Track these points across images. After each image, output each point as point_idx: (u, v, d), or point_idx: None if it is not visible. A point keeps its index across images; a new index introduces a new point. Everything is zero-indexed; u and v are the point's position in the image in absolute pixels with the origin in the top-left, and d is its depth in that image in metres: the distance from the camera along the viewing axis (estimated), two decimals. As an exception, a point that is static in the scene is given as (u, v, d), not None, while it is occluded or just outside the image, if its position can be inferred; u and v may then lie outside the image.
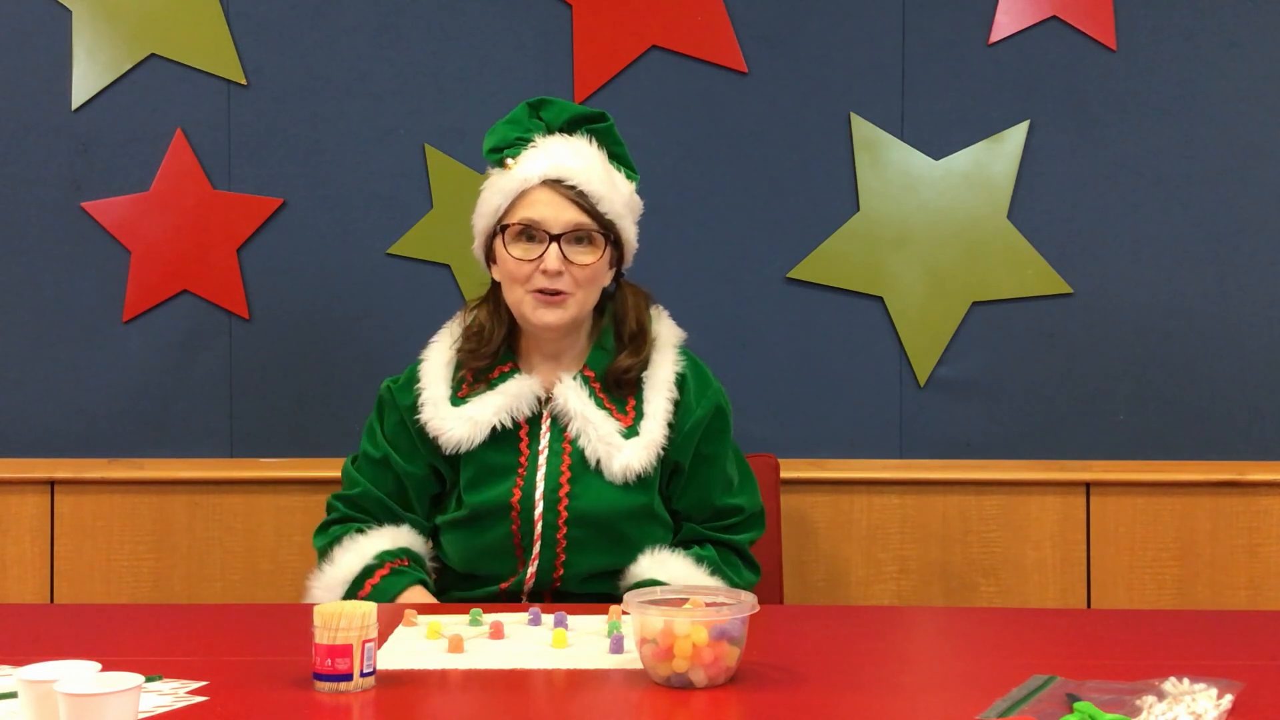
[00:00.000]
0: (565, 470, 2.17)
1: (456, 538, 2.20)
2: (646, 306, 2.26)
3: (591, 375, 2.20)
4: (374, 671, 1.63)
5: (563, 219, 2.14)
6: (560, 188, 2.15)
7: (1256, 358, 2.85)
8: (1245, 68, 2.84)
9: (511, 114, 2.24)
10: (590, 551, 2.16)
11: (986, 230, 2.85)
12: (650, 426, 2.17)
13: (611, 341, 2.22)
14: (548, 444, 2.18)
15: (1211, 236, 2.85)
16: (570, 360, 2.23)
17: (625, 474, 2.14)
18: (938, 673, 1.76)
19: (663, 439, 2.17)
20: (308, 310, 2.89)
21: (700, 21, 2.85)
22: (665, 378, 2.20)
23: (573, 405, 2.17)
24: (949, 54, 2.85)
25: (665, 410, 2.18)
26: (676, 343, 2.26)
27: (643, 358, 2.21)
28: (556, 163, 2.16)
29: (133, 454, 2.90)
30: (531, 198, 2.15)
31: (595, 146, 2.20)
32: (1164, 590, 2.79)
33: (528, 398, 2.19)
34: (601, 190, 2.16)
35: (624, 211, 2.20)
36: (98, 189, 2.89)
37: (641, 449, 2.15)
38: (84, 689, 1.41)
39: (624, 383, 2.20)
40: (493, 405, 2.17)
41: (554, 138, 2.20)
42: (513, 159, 2.17)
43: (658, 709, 1.58)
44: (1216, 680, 1.58)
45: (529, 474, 2.17)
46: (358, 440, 2.28)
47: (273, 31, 2.88)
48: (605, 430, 2.16)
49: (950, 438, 2.87)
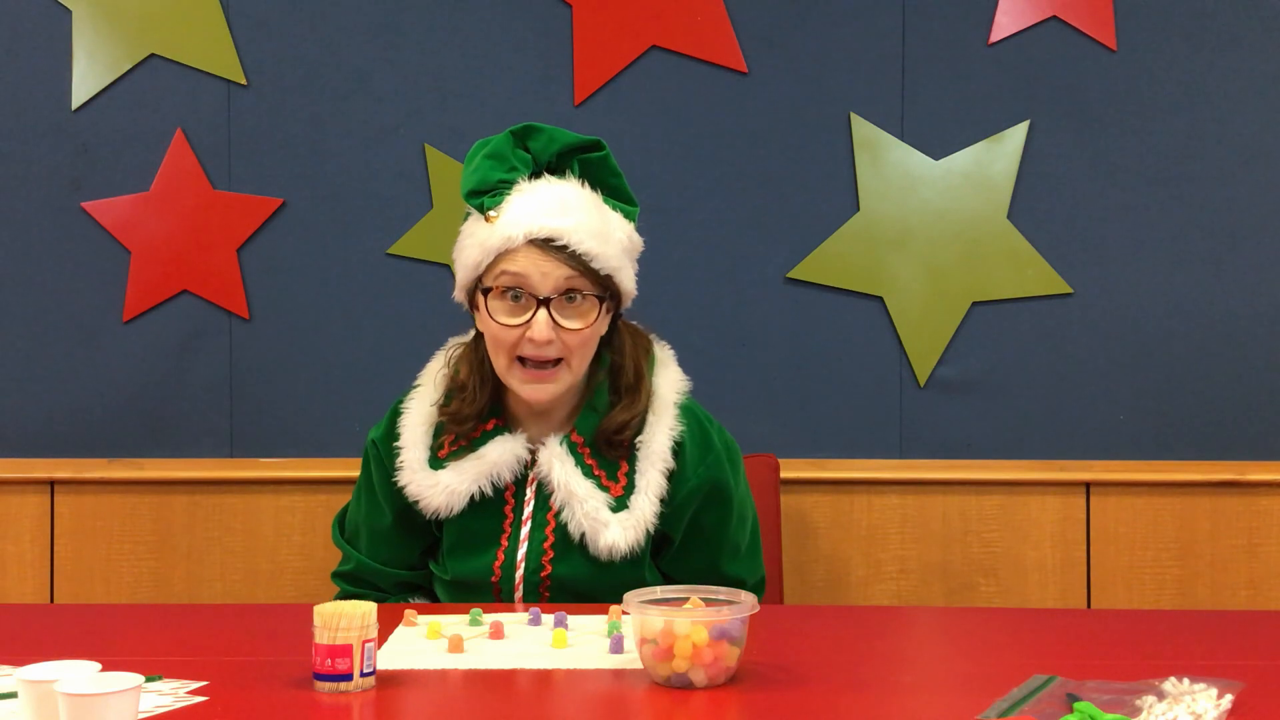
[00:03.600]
0: (548, 548, 2.06)
1: (443, 591, 2.14)
2: (646, 354, 2.11)
3: (579, 440, 2.06)
4: (374, 671, 1.63)
5: (551, 281, 1.97)
6: (548, 247, 1.96)
7: (1256, 358, 2.85)
8: (1245, 68, 2.84)
9: (494, 144, 2.03)
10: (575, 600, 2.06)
11: (986, 230, 2.85)
12: (640, 502, 2.03)
13: (605, 399, 2.07)
14: (531, 514, 2.07)
15: (1211, 236, 2.85)
16: (560, 419, 2.09)
17: (611, 553, 2.02)
18: (938, 673, 1.76)
19: (653, 516, 2.03)
20: (308, 310, 2.89)
21: (700, 21, 2.85)
22: (660, 448, 2.04)
23: (556, 476, 2.03)
24: (949, 54, 2.85)
25: (658, 485, 2.03)
26: (677, 399, 2.09)
27: (637, 415, 2.05)
28: (542, 220, 1.96)
29: (133, 454, 2.89)
30: (515, 257, 1.97)
31: (588, 188, 2.03)
32: (1164, 590, 2.79)
33: (509, 463, 2.05)
34: (594, 246, 1.98)
35: (620, 261, 2.03)
36: (98, 189, 2.89)
37: (630, 528, 2.02)
38: (84, 689, 1.41)
39: (616, 444, 2.05)
40: (472, 473, 2.04)
41: (540, 182, 2.01)
42: (494, 210, 1.98)
43: (658, 709, 1.58)
44: (1216, 680, 1.58)
45: (510, 547, 2.07)
46: (358, 440, 2.27)
47: (273, 31, 2.88)
48: (591, 506, 2.02)
49: (950, 438, 2.87)
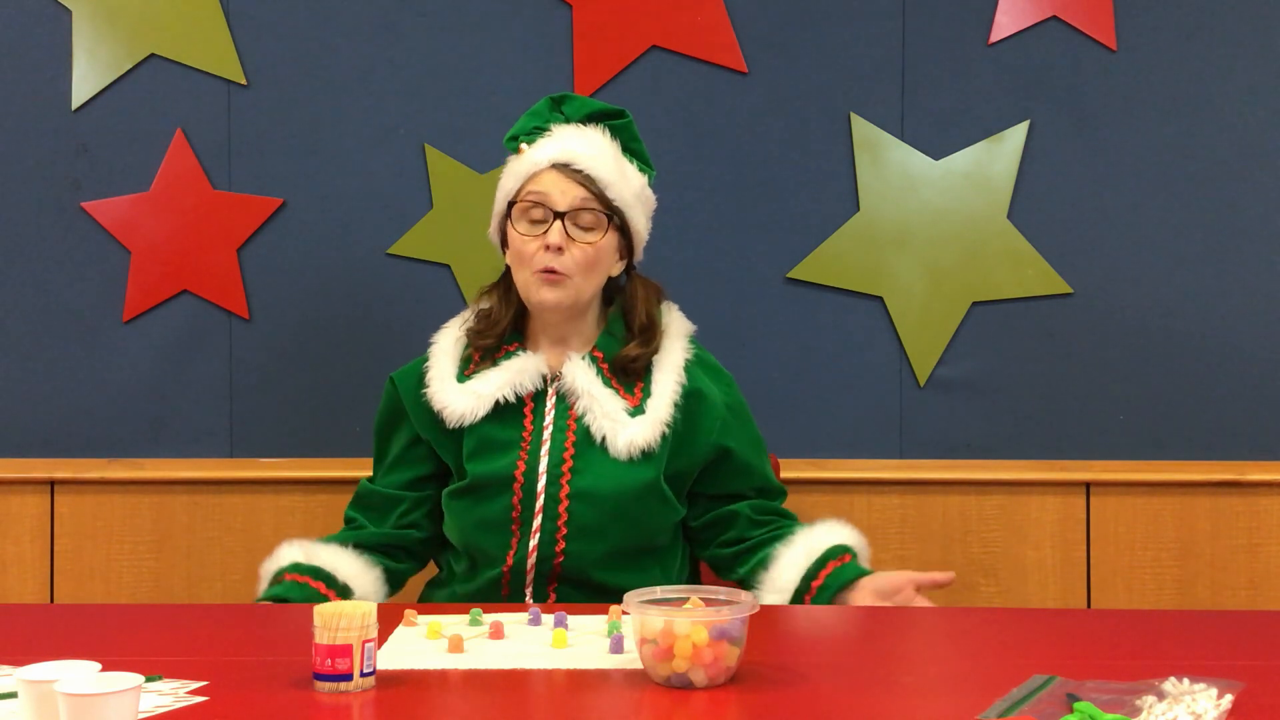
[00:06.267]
0: (570, 445, 2.18)
1: (457, 509, 2.20)
2: (658, 300, 2.29)
3: (600, 356, 2.22)
4: (374, 671, 1.63)
5: (568, 197, 2.17)
6: (568, 170, 2.19)
7: (1256, 358, 2.85)
8: (1245, 68, 2.84)
9: (534, 107, 2.28)
10: (593, 532, 2.15)
11: (986, 230, 2.85)
12: (656, 405, 2.18)
13: (621, 329, 2.25)
14: (553, 420, 2.20)
15: (1211, 236, 2.85)
16: (578, 344, 2.24)
17: (630, 450, 2.15)
18: (938, 673, 1.76)
19: (668, 416, 2.18)
20: (308, 310, 2.89)
21: (700, 21, 2.85)
22: (674, 362, 2.22)
23: (580, 382, 2.19)
24: (949, 54, 2.85)
25: (672, 390, 2.20)
26: (686, 334, 2.28)
27: (652, 349, 2.23)
28: (566, 148, 2.20)
29: (133, 454, 2.90)
30: (540, 179, 2.19)
31: (609, 138, 2.23)
32: (1164, 590, 2.79)
33: (532, 374, 2.21)
34: (609, 176, 2.19)
35: (633, 201, 2.23)
36: (98, 189, 2.89)
37: (647, 425, 2.16)
38: (84, 689, 1.41)
39: (632, 370, 2.22)
40: (496, 380, 2.20)
41: (569, 127, 2.24)
42: (527, 145, 2.22)
43: (658, 709, 1.58)
44: (1216, 680, 1.58)
45: (533, 448, 2.18)
46: (358, 440, 2.29)
47: (273, 31, 2.88)
48: (611, 407, 2.17)
49: (950, 438, 2.87)
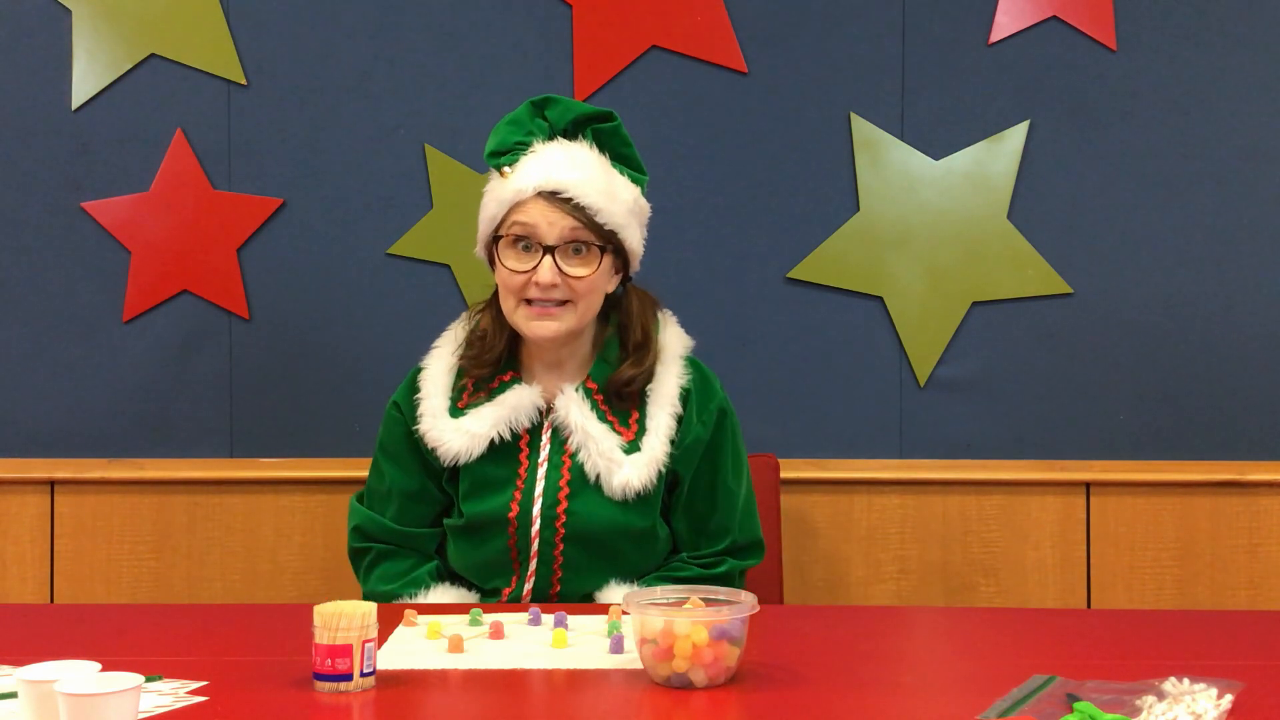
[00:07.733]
0: (564, 485, 2.13)
1: (457, 546, 2.19)
2: (653, 313, 2.21)
3: (594, 387, 2.16)
4: (374, 671, 1.63)
5: (557, 230, 2.09)
6: (555, 200, 2.09)
7: (1256, 358, 2.85)
8: (1245, 68, 2.84)
9: (515, 113, 2.18)
10: (587, 570, 2.13)
11: (986, 230, 2.85)
12: (652, 443, 2.13)
13: (616, 352, 2.18)
14: (547, 456, 2.15)
15: (1211, 236, 2.85)
16: (573, 370, 2.19)
17: (625, 491, 2.10)
18: (938, 673, 1.76)
19: (664, 456, 2.13)
20: (308, 310, 2.89)
21: (700, 21, 2.85)
22: (669, 392, 2.16)
23: (574, 418, 2.13)
24: (949, 54, 2.85)
25: (668, 426, 2.14)
26: (683, 352, 2.21)
27: (646, 369, 2.16)
28: (552, 173, 2.10)
29: (133, 454, 2.90)
30: (526, 209, 2.10)
31: (597, 152, 2.15)
32: (1164, 590, 2.79)
33: (527, 409, 2.15)
34: (599, 201, 2.10)
35: (626, 220, 2.14)
36: (97, 189, 2.89)
37: (643, 466, 2.11)
38: (84, 689, 1.41)
39: (626, 395, 2.15)
40: (491, 418, 2.13)
41: (554, 144, 2.14)
42: (509, 167, 2.12)
43: (658, 709, 1.58)
44: (1216, 680, 1.58)
45: (527, 486, 2.14)
46: (358, 440, 2.27)
47: (273, 31, 2.88)
48: (606, 445, 2.11)
49: (950, 438, 2.87)
